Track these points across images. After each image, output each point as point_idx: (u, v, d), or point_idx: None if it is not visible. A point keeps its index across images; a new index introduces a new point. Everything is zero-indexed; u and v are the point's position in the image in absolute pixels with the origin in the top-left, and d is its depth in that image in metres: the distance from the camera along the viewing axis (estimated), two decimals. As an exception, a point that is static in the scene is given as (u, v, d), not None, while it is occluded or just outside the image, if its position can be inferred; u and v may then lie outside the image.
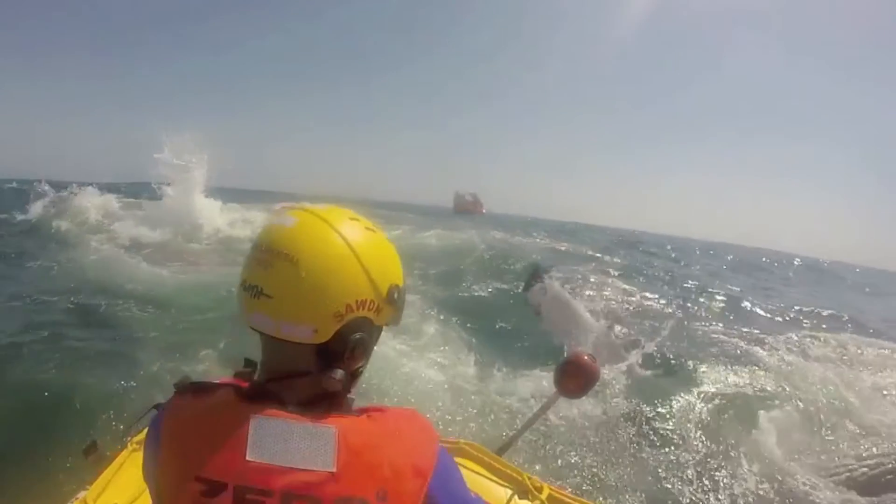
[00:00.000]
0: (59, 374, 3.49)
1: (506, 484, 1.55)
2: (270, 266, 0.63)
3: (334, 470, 0.59)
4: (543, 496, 1.49)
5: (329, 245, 0.65)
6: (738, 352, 5.97)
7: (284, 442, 0.59)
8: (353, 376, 0.70)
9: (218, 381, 0.71)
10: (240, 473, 0.58)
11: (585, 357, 1.41)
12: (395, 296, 0.69)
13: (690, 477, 3.37)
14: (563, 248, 15.39)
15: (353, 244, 0.66)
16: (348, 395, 0.67)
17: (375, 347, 0.74)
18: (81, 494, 1.38)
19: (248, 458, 0.58)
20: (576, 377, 1.42)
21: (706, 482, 3.34)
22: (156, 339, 4.20)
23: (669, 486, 3.22)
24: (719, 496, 3.21)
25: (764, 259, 28.97)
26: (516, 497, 1.50)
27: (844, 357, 6.41)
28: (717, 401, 4.57)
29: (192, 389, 0.66)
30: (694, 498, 3.18)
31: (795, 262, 29.11)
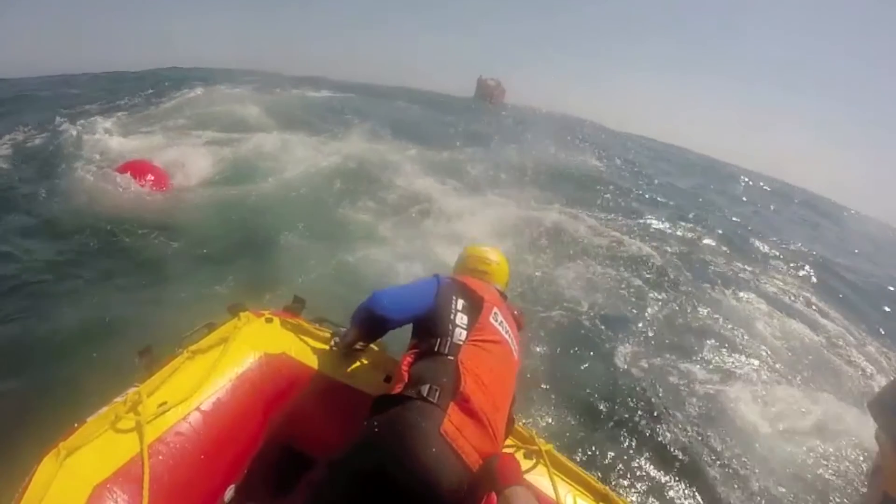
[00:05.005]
0: (97, 290, 3.73)
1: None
2: (486, 264, 2.17)
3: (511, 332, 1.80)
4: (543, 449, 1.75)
5: (501, 258, 2.25)
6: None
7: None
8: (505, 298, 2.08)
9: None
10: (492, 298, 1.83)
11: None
12: (507, 279, 2.25)
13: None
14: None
15: (506, 259, 2.27)
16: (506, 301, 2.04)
17: None
18: (132, 389, 1.49)
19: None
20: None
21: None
22: (181, 264, 4.29)
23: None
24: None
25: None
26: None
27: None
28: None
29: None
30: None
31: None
